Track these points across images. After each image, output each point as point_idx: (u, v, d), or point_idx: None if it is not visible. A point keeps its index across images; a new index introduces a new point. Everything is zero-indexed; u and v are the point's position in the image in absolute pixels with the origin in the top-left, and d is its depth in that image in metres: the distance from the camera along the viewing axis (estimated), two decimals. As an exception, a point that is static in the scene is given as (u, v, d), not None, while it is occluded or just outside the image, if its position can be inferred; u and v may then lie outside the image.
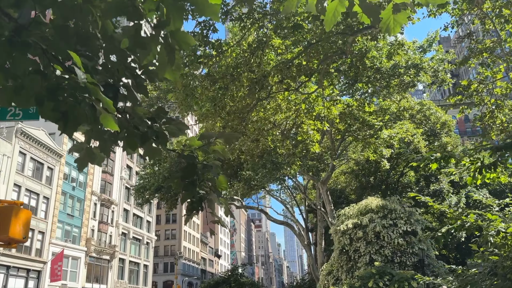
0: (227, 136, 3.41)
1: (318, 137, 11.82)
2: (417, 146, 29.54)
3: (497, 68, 11.98)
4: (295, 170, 17.89)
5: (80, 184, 52.63)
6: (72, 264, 49.22)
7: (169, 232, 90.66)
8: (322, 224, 29.43)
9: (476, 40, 12.23)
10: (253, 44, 8.99)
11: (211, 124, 9.84)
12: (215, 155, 3.31)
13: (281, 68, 9.03)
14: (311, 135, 11.82)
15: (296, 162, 17.22)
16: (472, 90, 11.26)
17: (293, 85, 10.38)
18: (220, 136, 3.35)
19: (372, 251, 15.06)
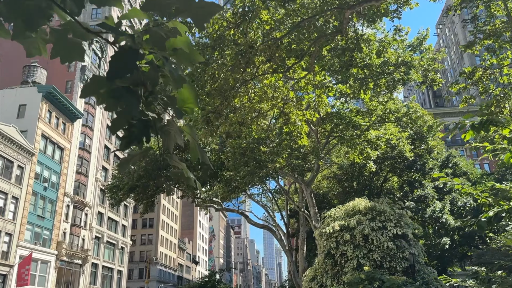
0: (198, 9, 1.92)
1: (307, 129, 10.84)
2: (402, 151, 28.87)
3: (504, 55, 11.25)
4: (280, 164, 16.88)
5: (52, 185, 50.39)
6: (41, 268, 46.85)
7: (146, 237, 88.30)
8: (304, 229, 28.39)
9: (483, 23, 11.46)
10: (238, 16, 7.94)
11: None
12: (177, 55, 2.06)
13: (269, 45, 8.00)
14: (299, 127, 10.82)
15: (282, 155, 16.18)
16: (477, 78, 10.44)
17: (282, 69, 9.34)
18: (182, 7, 1.94)
19: (360, 255, 14.04)
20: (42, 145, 48.85)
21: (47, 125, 49.65)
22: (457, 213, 31.84)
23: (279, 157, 16.06)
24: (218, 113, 7.85)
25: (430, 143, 28.48)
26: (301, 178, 22.78)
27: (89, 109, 60.90)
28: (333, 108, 23.11)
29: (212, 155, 28.72)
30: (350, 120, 21.28)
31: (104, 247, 63.16)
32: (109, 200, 29.62)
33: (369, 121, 21.55)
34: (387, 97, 24.73)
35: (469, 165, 38.81)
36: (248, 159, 18.69)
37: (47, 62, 59.07)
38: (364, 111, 23.05)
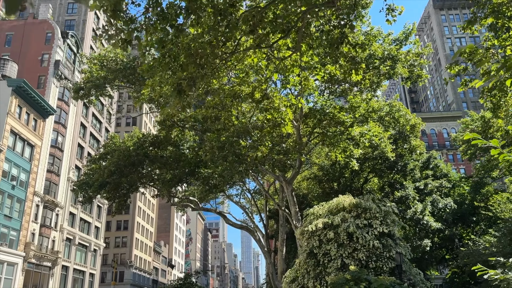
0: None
1: (291, 115, 9.93)
2: (383, 151, 28.31)
3: (507, 34, 10.56)
4: (262, 153, 15.89)
5: (21, 183, 48.11)
6: (7, 271, 44.51)
7: (120, 240, 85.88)
8: (284, 229, 27.48)
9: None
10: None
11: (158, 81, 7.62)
12: None
13: (253, 14, 7.06)
14: (282, 113, 9.89)
15: (264, 142, 15.20)
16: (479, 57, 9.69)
17: (265, 45, 8.41)
18: None
19: (345, 255, 13.19)
20: (11, 142, 46.61)
21: (17, 120, 47.44)
22: (437, 215, 31.49)
23: (261, 146, 15.10)
24: (192, 80, 6.81)
25: (413, 142, 28.04)
26: (282, 175, 21.86)
27: (63, 106, 58.74)
28: (316, 105, 22.33)
29: (189, 152, 27.56)
30: (334, 116, 20.52)
31: (76, 249, 60.88)
32: (78, 198, 28.02)
33: (353, 118, 20.83)
34: (370, 94, 24.13)
35: (448, 167, 38.69)
36: (227, 152, 17.63)
37: (19, 56, 56.76)
38: (347, 108, 22.35)
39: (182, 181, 25.64)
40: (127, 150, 24.12)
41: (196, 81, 6.81)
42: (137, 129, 28.33)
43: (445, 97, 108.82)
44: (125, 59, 21.84)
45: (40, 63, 57.16)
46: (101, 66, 22.03)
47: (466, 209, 36.16)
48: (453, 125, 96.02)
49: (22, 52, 57.20)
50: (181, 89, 6.64)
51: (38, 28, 58.99)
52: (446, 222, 32.92)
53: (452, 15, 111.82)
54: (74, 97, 23.36)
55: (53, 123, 55.93)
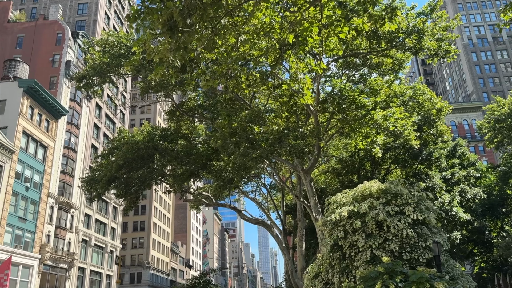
0: None
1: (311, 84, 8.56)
2: (407, 139, 26.58)
3: None
4: (279, 126, 14.57)
5: (35, 185, 47.61)
6: (22, 273, 44.00)
7: (137, 241, 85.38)
8: (302, 224, 26.03)
9: None
10: None
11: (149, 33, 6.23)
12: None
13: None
14: (300, 81, 8.54)
15: (281, 114, 13.82)
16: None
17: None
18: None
19: (374, 246, 11.72)
20: (24, 143, 46.13)
21: (29, 121, 46.97)
22: (465, 206, 29.63)
23: (277, 118, 13.74)
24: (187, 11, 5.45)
25: (439, 127, 26.25)
26: (299, 163, 20.37)
27: (75, 106, 58.26)
28: (334, 90, 20.84)
29: (201, 145, 26.34)
30: (354, 100, 19.01)
31: (92, 250, 60.33)
32: (86, 194, 27.04)
33: (374, 101, 19.28)
34: (393, 76, 22.55)
35: (475, 156, 36.68)
36: (239, 138, 16.30)
37: (30, 58, 56.48)
38: (367, 91, 20.81)
39: (194, 175, 24.41)
40: (135, 143, 23.03)
41: (193, 14, 5.51)
42: (146, 123, 27.26)
43: (464, 88, 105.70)
44: (128, 43, 20.71)
45: (51, 64, 56.78)
46: (104, 52, 20.97)
47: (494, 200, 34.16)
48: (474, 116, 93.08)
49: (33, 54, 56.91)
50: (174, 24, 5.37)
51: (49, 29, 58.66)
52: (475, 213, 31.01)
53: (469, 3, 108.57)
54: (77, 87, 22.34)
55: (65, 124, 55.45)
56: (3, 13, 59.41)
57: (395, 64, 22.84)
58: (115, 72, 21.04)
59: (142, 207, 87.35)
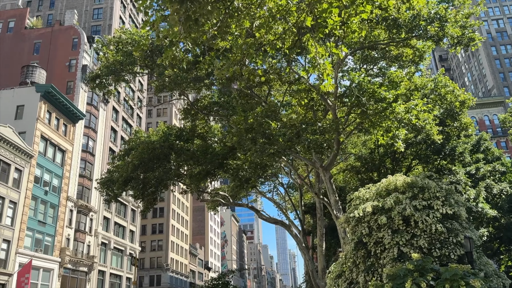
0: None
1: (331, 70, 8.05)
2: (428, 133, 25.69)
3: None
4: (298, 115, 14.00)
5: (53, 189, 47.99)
6: (43, 277, 44.34)
7: (156, 243, 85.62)
8: (322, 223, 25.39)
9: None
10: None
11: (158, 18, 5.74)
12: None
13: None
14: (320, 66, 8.00)
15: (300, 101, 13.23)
16: None
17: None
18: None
19: (402, 242, 11.08)
20: (42, 147, 46.55)
21: (47, 126, 47.39)
22: (492, 202, 28.51)
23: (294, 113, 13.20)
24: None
25: (463, 120, 25.27)
26: (318, 162, 19.74)
27: (92, 110, 58.67)
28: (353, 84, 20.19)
29: (217, 145, 25.95)
30: (373, 93, 18.34)
31: (112, 253, 60.58)
32: (103, 196, 26.90)
33: (395, 94, 18.57)
34: (413, 68, 21.79)
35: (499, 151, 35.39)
36: (256, 134, 15.80)
37: (47, 63, 57.09)
38: (387, 84, 20.11)
39: (210, 174, 24.06)
40: (151, 143, 22.76)
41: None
42: (162, 123, 27.05)
43: (484, 83, 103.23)
44: (142, 40, 20.42)
45: (68, 68, 57.30)
46: (117, 50, 20.76)
47: (521, 196, 32.85)
48: (495, 111, 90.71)
49: (50, 59, 57.53)
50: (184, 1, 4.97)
51: (65, 34, 59.24)
52: (501, 209, 29.85)
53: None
54: (91, 87, 22.20)
55: (83, 128, 55.86)
56: (20, 20, 60.26)
57: (416, 55, 22.09)
58: (128, 70, 20.83)
59: (160, 210, 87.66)
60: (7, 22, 60.05)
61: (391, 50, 21.80)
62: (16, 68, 55.23)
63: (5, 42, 59.01)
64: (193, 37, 6.10)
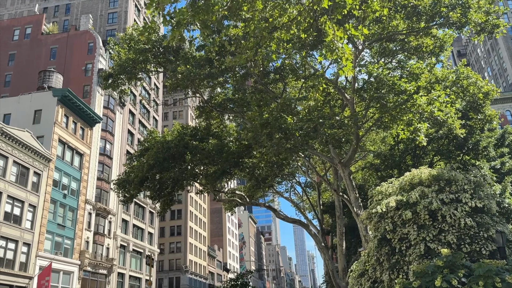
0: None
1: (350, 54, 7.54)
2: (451, 127, 24.80)
3: None
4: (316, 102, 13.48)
5: (72, 192, 48.34)
6: (63, 279, 44.63)
7: (174, 245, 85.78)
8: (342, 222, 24.75)
9: None
10: None
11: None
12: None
13: None
14: (339, 50, 7.52)
15: (318, 87, 12.69)
16: None
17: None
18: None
19: (429, 238, 10.47)
20: (60, 151, 46.93)
21: (64, 130, 47.78)
22: (520, 196, 27.34)
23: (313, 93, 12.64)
24: None
25: (487, 112, 24.32)
26: (336, 156, 19.08)
27: (109, 114, 59.04)
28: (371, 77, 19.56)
29: (232, 144, 25.56)
30: (393, 85, 17.70)
31: (130, 255, 60.80)
32: (119, 197, 26.76)
33: (416, 86, 17.88)
34: (434, 59, 21.04)
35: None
36: (271, 129, 15.31)
37: (64, 68, 57.70)
38: (407, 76, 19.42)
39: (226, 173, 23.67)
40: (166, 142, 22.50)
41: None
42: (177, 123, 26.82)
43: (505, 77, 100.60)
44: (153, 37, 20.17)
45: (84, 73, 57.81)
46: (129, 48, 20.55)
47: (549, 191, 31.51)
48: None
49: (66, 64, 58.13)
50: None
51: (80, 39, 59.81)
52: (529, 205, 28.63)
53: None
54: (104, 86, 22.07)
55: (100, 131, 56.23)
56: (36, 26, 61.09)
57: (436, 46, 21.33)
58: (141, 68, 20.60)
59: (178, 212, 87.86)
60: (24, 28, 60.94)
61: (410, 41, 21.10)
62: (33, 73, 55.96)
63: (23, 48, 59.89)
64: (202, 19, 5.70)
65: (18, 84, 56.51)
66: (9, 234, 37.62)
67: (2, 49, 59.82)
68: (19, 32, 61.05)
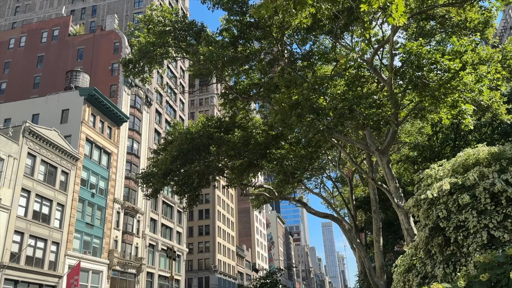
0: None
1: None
2: (496, 113, 22.74)
3: None
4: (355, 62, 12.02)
5: (100, 191, 48.27)
6: (92, 279, 44.52)
7: (203, 245, 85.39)
8: (378, 216, 23.11)
9: None
10: None
11: None
12: None
13: None
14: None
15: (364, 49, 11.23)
16: None
17: None
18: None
19: (492, 225, 8.94)
20: (87, 150, 46.93)
21: (91, 129, 47.77)
22: None
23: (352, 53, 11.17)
24: None
25: (541, 93, 22.23)
26: (373, 143, 17.46)
27: (135, 113, 58.94)
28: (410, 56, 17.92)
29: (259, 135, 24.32)
30: (436, 62, 16.04)
31: (159, 255, 60.51)
32: (143, 191, 25.93)
33: (463, 62, 16.16)
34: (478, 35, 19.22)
35: None
36: (302, 110, 13.95)
37: (91, 68, 57.95)
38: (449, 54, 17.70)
39: (253, 165, 22.41)
40: (189, 133, 21.50)
41: None
42: (200, 115, 25.82)
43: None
44: (173, 18, 19.15)
45: (110, 72, 57.92)
46: (148, 31, 19.61)
47: None
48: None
49: (93, 64, 58.40)
50: None
51: (106, 39, 59.99)
52: None
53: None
54: (125, 74, 21.25)
55: (127, 130, 56.16)
56: (63, 28, 61.71)
57: (480, 22, 19.50)
58: (162, 53, 19.59)
59: (206, 211, 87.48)
60: (51, 30, 61.67)
61: (451, 18, 19.33)
62: (61, 74, 56.44)
63: (51, 49, 60.57)
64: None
65: (46, 85, 57.12)
66: (38, 233, 37.65)
67: (31, 51, 60.70)
68: (47, 34, 61.83)
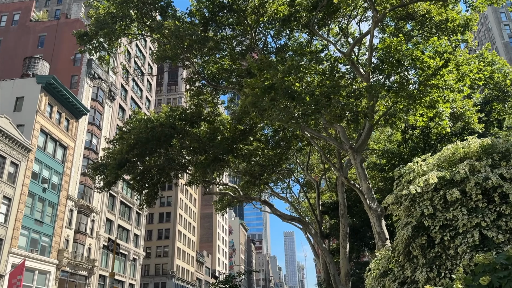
0: None
1: None
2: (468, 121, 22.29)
3: None
4: None
5: (53, 186, 45.27)
6: (39, 279, 41.39)
7: (161, 249, 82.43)
8: (346, 221, 22.13)
9: None
10: None
11: None
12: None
13: None
14: None
15: None
16: None
17: None
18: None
19: (484, 224, 7.91)
20: (41, 142, 43.95)
21: (47, 119, 44.84)
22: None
23: None
24: None
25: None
26: (346, 140, 16.37)
27: (97, 106, 56.15)
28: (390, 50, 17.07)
29: (226, 130, 22.91)
30: (416, 58, 15.23)
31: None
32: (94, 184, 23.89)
33: (445, 58, 15.41)
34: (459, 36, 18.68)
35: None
36: (276, 94, 12.63)
37: (51, 57, 54.86)
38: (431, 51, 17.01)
39: (218, 160, 20.91)
40: (149, 121, 19.81)
41: None
42: (164, 105, 24.11)
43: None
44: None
45: (72, 62, 55.03)
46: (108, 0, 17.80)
47: None
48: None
49: (54, 53, 55.32)
50: None
51: (71, 27, 56.93)
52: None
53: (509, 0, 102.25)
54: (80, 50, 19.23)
55: (87, 124, 53.31)
56: (25, 13, 58.31)
57: (460, 25, 19.01)
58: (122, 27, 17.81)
59: (166, 215, 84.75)
60: (12, 14, 58.14)
61: (432, 17, 18.71)
62: (19, 61, 53.05)
63: (9, 34, 57.02)
64: None
65: (2, 71, 53.50)
66: (-21, 227, 34.53)
67: (-12, 35, 56.90)
68: (6, 18, 58.22)
